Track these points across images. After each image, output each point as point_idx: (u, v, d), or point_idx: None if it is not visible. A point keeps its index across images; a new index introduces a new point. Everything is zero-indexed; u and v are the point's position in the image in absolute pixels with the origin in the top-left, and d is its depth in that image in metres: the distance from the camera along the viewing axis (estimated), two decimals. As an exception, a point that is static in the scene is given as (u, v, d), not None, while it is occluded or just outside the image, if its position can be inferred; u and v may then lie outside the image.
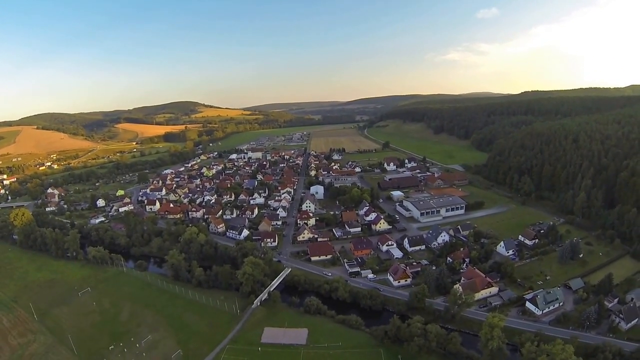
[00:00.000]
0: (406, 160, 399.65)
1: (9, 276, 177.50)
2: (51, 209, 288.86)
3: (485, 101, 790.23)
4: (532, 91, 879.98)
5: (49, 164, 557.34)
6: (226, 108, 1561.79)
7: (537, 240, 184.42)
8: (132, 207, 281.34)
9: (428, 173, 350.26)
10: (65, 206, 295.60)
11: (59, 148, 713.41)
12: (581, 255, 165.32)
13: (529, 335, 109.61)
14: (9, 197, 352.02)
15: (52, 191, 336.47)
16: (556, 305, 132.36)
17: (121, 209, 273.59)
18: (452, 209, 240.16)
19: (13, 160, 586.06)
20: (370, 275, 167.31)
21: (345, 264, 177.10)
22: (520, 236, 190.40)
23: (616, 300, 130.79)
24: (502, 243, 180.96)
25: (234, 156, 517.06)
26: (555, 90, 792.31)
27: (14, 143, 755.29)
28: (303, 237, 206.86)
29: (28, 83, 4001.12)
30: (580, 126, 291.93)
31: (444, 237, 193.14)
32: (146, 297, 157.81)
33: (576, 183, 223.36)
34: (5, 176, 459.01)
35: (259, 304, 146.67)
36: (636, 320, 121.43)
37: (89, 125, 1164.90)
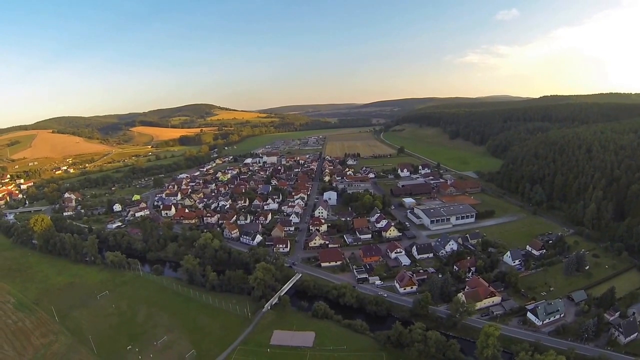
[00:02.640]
0: (420, 167, 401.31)
1: (31, 280, 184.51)
2: (68, 213, 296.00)
3: (502, 106, 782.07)
4: (551, 96, 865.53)
5: (65, 168, 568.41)
6: (242, 110, 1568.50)
7: (544, 250, 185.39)
8: (148, 212, 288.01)
9: (441, 180, 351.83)
10: (83, 211, 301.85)
11: (74, 152, 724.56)
12: (587, 267, 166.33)
13: (524, 344, 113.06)
14: (27, 202, 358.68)
15: (69, 196, 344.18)
16: (557, 317, 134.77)
17: (137, 214, 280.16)
18: (463, 217, 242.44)
19: (29, 164, 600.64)
20: (378, 282, 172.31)
21: (354, 270, 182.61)
22: (527, 246, 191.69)
23: (617, 313, 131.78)
24: (508, 253, 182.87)
25: (249, 160, 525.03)
26: (574, 95, 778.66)
27: (30, 147, 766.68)
28: (314, 243, 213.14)
29: (42, 86, 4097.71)
30: (595, 135, 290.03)
31: (452, 246, 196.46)
32: (162, 300, 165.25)
33: (587, 194, 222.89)
34: (22, 180, 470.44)
35: (269, 307, 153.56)
36: (635, 334, 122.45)
37: (104, 129, 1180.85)
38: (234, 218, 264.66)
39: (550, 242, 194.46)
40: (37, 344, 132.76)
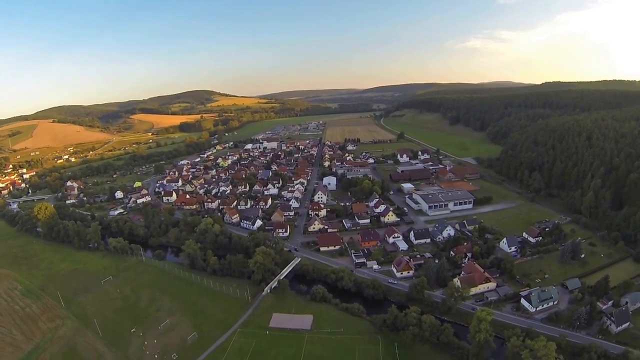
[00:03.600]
0: (419, 152, 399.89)
1: (36, 267, 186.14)
2: (71, 201, 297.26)
3: (503, 92, 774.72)
4: (553, 82, 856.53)
5: (66, 157, 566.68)
6: (242, 97, 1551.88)
7: (540, 238, 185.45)
8: (150, 199, 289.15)
9: (440, 166, 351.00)
10: (85, 199, 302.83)
11: (75, 141, 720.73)
12: (582, 256, 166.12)
13: (516, 330, 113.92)
14: (30, 191, 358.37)
15: (71, 184, 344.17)
16: (550, 304, 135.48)
17: (139, 201, 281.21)
18: (461, 203, 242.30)
19: (31, 154, 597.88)
20: (376, 266, 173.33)
21: (352, 255, 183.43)
22: (524, 233, 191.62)
23: (611, 302, 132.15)
24: (505, 239, 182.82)
25: (249, 146, 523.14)
26: (577, 82, 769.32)
27: (31, 137, 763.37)
28: (314, 228, 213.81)
29: (42, 76, 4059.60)
30: (596, 123, 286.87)
31: (449, 231, 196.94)
32: (164, 284, 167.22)
33: (585, 182, 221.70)
34: (24, 170, 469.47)
35: (269, 291, 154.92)
36: (627, 324, 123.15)
37: (104, 117, 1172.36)
38: (235, 203, 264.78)
39: (547, 229, 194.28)
40: (45, 328, 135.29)
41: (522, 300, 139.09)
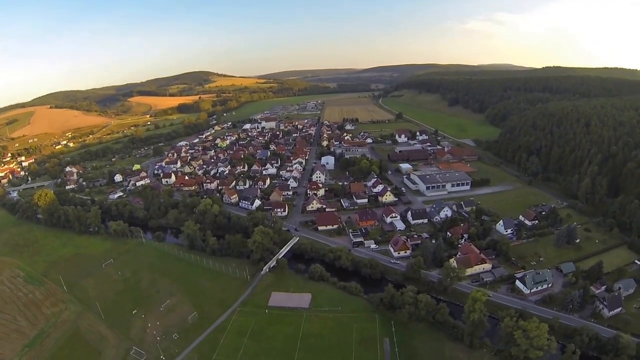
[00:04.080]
0: (418, 133, 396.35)
1: (38, 253, 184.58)
2: (71, 187, 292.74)
3: (503, 75, 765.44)
4: (554, 67, 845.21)
5: (64, 142, 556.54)
6: (240, 77, 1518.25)
7: (536, 221, 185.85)
8: (149, 181, 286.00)
9: (438, 146, 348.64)
10: (84, 183, 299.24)
11: (73, 126, 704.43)
12: (578, 241, 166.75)
13: (510, 311, 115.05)
14: (29, 179, 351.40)
15: (70, 169, 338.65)
16: (544, 286, 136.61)
17: (138, 183, 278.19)
18: (458, 185, 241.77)
19: (29, 141, 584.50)
20: (373, 246, 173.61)
21: (350, 234, 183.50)
22: (520, 216, 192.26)
23: (604, 287, 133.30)
24: (501, 222, 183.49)
25: (247, 126, 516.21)
26: (578, 68, 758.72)
27: (29, 124, 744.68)
28: (312, 207, 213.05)
29: (38, 62, 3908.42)
30: (595, 109, 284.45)
31: (446, 212, 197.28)
32: (164, 265, 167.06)
33: (583, 168, 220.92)
34: (23, 158, 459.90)
35: (267, 270, 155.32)
36: (619, 309, 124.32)
37: (102, 101, 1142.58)
38: (233, 184, 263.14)
39: (543, 213, 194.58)
40: (48, 313, 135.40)
41: (517, 282, 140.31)
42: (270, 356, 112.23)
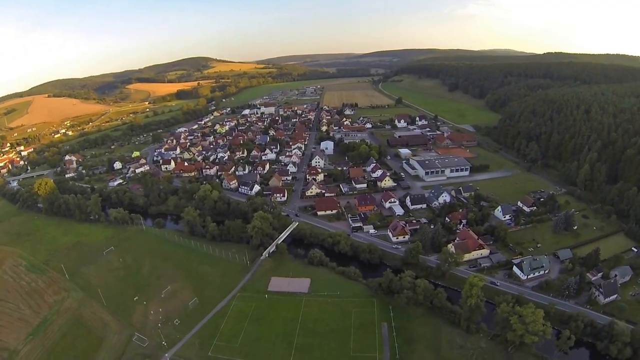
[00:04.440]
0: (417, 118, 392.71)
1: (39, 242, 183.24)
2: (70, 175, 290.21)
3: (503, 60, 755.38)
4: (555, 52, 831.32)
5: (63, 131, 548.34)
6: (239, 62, 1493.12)
7: (535, 207, 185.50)
8: (148, 168, 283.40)
9: (438, 132, 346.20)
10: (84, 171, 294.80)
11: (72, 114, 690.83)
12: (575, 227, 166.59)
13: (506, 296, 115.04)
14: (29, 168, 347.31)
15: (69, 158, 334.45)
16: (541, 272, 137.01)
17: (138, 170, 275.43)
18: (457, 170, 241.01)
19: (28, 130, 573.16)
20: (372, 231, 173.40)
21: (349, 219, 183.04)
22: (519, 202, 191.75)
23: (600, 274, 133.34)
24: (499, 207, 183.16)
25: (246, 112, 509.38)
26: (580, 54, 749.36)
27: (27, 114, 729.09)
28: (311, 192, 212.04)
29: (34, 51, 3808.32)
30: (595, 96, 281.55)
31: (445, 198, 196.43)
32: (165, 252, 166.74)
33: (582, 155, 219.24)
34: (22, 147, 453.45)
35: (267, 255, 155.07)
36: (615, 296, 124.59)
37: (100, 89, 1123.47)
38: (232, 169, 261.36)
39: (542, 199, 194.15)
40: (51, 301, 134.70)
41: (514, 268, 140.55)
42: (270, 341, 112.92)
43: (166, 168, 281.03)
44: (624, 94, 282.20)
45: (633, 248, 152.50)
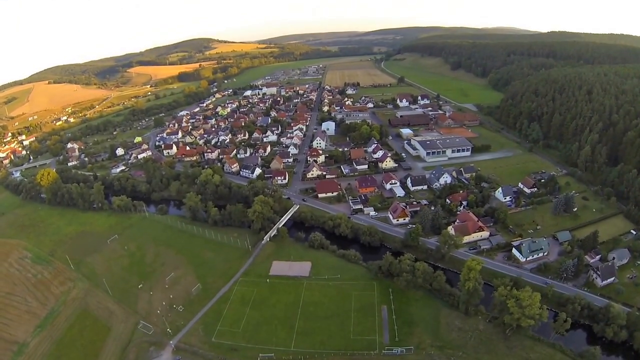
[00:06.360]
0: (419, 97, 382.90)
1: (44, 233, 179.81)
2: (73, 163, 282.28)
3: (507, 39, 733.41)
4: (559, 32, 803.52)
5: (65, 118, 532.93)
6: (241, 42, 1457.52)
7: (535, 189, 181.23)
8: (150, 153, 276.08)
9: (440, 111, 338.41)
10: (86, 159, 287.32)
11: (73, 100, 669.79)
12: (575, 209, 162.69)
13: (505, 279, 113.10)
14: (31, 157, 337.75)
15: (71, 146, 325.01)
16: (540, 255, 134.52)
17: (140, 156, 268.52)
18: (459, 150, 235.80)
19: (29, 119, 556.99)
20: (372, 213, 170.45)
21: (350, 201, 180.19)
22: (520, 183, 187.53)
23: (598, 257, 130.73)
24: (500, 189, 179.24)
25: (248, 93, 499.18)
26: (584, 33, 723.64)
27: (28, 102, 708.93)
28: (312, 175, 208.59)
29: (33, 37, 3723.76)
30: (598, 77, 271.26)
31: (445, 179, 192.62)
32: (168, 238, 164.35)
33: (583, 136, 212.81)
34: (24, 136, 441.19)
35: (268, 239, 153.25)
36: (612, 279, 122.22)
37: (101, 73, 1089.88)
38: (234, 152, 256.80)
39: (542, 180, 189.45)
40: (57, 292, 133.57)
41: (514, 250, 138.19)
42: (272, 325, 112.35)
43: (168, 153, 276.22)
44: (626, 75, 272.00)
45: (632, 230, 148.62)
